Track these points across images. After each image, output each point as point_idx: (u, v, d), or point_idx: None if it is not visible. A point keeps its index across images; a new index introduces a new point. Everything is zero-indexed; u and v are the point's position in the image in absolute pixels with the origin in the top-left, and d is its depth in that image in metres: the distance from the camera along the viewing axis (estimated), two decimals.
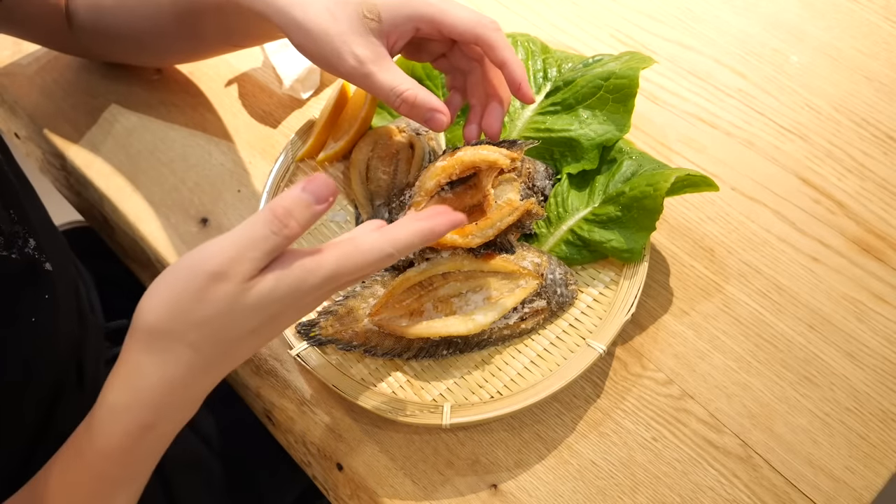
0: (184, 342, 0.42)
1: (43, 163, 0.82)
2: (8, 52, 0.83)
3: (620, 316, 0.58)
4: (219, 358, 0.44)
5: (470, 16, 0.55)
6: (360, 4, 0.53)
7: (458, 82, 0.61)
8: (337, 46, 0.53)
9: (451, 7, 0.55)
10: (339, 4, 0.53)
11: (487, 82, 0.59)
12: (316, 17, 0.53)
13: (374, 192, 0.66)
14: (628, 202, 0.59)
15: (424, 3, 0.55)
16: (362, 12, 0.53)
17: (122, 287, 0.82)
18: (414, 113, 0.54)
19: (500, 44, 0.55)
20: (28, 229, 0.58)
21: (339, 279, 0.44)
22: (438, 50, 0.60)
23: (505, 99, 0.59)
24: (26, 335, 0.56)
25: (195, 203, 0.71)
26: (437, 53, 0.61)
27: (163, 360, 0.43)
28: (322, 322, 0.60)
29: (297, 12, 0.53)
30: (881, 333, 0.60)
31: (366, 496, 0.58)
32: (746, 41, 0.78)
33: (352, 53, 0.53)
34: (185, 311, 0.42)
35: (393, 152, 0.67)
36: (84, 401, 0.66)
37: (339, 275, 0.44)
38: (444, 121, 0.55)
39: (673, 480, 0.56)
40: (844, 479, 0.55)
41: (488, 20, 0.55)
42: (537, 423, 0.59)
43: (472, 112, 0.60)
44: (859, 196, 0.67)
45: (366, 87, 0.55)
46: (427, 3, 0.55)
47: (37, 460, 0.59)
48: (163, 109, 0.78)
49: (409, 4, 0.54)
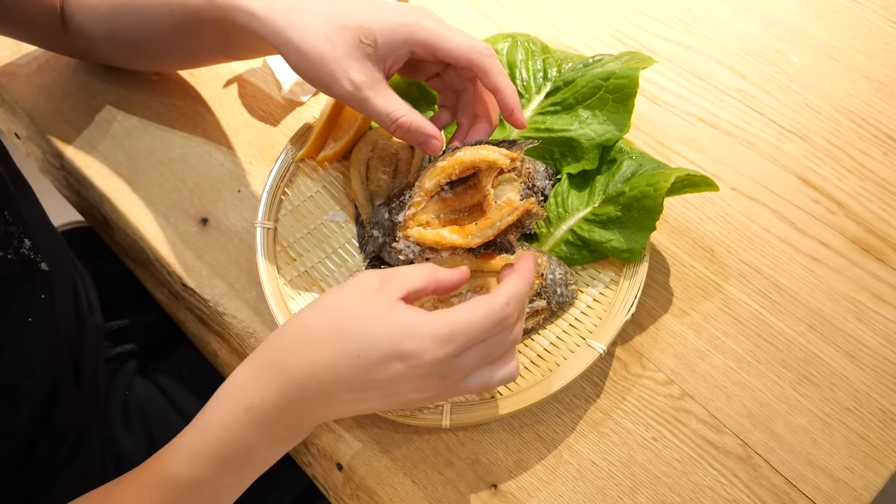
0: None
1: (43, 163, 0.82)
2: (7, 52, 0.83)
3: (620, 316, 0.58)
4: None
5: (465, 41, 0.55)
6: (356, 30, 0.54)
7: (450, 101, 0.62)
8: (333, 71, 0.54)
9: (447, 32, 0.55)
10: (336, 29, 0.54)
11: (479, 102, 0.60)
12: (313, 42, 0.54)
13: (374, 192, 0.66)
14: (628, 202, 0.59)
15: (420, 27, 0.55)
16: (359, 38, 0.54)
17: (122, 287, 0.82)
18: (409, 137, 0.56)
19: (493, 70, 0.56)
20: (23, 230, 0.58)
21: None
22: (433, 70, 0.61)
23: (493, 121, 0.60)
24: (23, 335, 0.56)
25: (195, 203, 0.71)
26: (431, 73, 0.62)
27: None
28: None
29: (294, 36, 0.54)
30: (881, 333, 0.60)
31: (366, 496, 0.58)
32: (746, 41, 0.78)
33: (348, 79, 0.54)
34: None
35: (393, 152, 0.67)
36: (81, 400, 0.66)
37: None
38: (438, 146, 0.56)
39: (673, 480, 0.56)
40: (844, 478, 0.55)
41: (483, 46, 0.56)
42: (537, 423, 0.59)
43: (458, 129, 0.61)
44: (859, 196, 0.67)
45: (362, 111, 0.56)
46: (422, 27, 0.55)
47: (34, 459, 0.59)
48: (162, 110, 0.78)
49: (405, 29, 0.55)
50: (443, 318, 0.45)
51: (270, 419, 0.46)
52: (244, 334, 0.65)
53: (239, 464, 0.47)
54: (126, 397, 0.73)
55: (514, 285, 0.48)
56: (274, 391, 0.46)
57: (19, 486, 0.58)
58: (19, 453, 0.57)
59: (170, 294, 0.72)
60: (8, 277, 0.55)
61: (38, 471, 0.60)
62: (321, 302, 0.48)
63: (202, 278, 0.67)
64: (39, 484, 0.61)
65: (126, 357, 0.77)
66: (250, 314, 0.65)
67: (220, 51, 0.67)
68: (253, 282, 0.67)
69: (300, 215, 0.67)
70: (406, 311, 0.46)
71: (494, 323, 0.46)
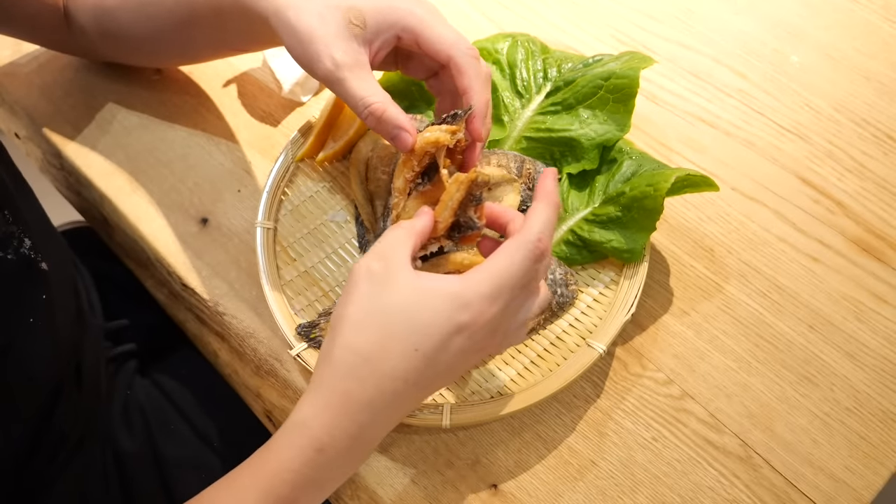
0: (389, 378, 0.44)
1: (43, 163, 0.82)
2: (8, 52, 0.83)
3: (620, 316, 0.58)
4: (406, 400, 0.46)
5: (449, 35, 0.54)
6: (347, 10, 0.54)
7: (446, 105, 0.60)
8: (318, 49, 0.53)
9: (435, 23, 0.54)
10: (330, 9, 0.53)
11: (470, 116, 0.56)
12: (307, 19, 0.53)
13: (374, 192, 0.66)
14: (628, 202, 0.59)
15: (410, 13, 0.54)
16: (349, 18, 0.53)
17: (122, 287, 0.82)
18: (380, 127, 0.53)
19: (469, 71, 0.54)
20: (23, 229, 0.58)
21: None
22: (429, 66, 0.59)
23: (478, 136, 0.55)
24: (24, 335, 0.56)
25: (195, 203, 0.71)
26: (429, 71, 0.60)
27: (360, 386, 0.44)
28: (322, 324, 0.60)
29: (291, 14, 0.54)
30: (881, 333, 0.60)
31: (366, 496, 0.58)
32: (746, 41, 0.78)
33: (330, 57, 0.53)
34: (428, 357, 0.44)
35: (393, 152, 0.67)
36: (83, 400, 0.66)
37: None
38: (409, 141, 0.53)
39: (673, 480, 0.56)
40: (844, 479, 0.55)
41: (467, 45, 0.54)
42: (537, 423, 0.59)
43: None
44: (859, 196, 0.67)
45: (338, 93, 0.54)
46: (412, 13, 0.54)
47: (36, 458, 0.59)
48: (162, 109, 0.78)
49: (395, 13, 0.54)
50: (483, 275, 0.44)
51: (343, 453, 0.45)
52: (244, 334, 0.65)
53: (309, 501, 0.46)
54: (126, 397, 0.73)
55: (541, 214, 0.47)
56: (347, 422, 0.44)
57: (21, 486, 0.58)
58: (21, 453, 0.57)
59: (170, 294, 0.72)
60: (8, 277, 0.55)
61: (39, 470, 0.60)
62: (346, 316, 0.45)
63: (202, 278, 0.67)
64: (41, 483, 0.61)
65: (126, 357, 0.77)
66: (250, 314, 0.65)
67: (219, 44, 0.67)
68: (253, 282, 0.67)
69: (300, 215, 0.67)
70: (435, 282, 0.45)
71: (532, 262, 0.45)
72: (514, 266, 0.45)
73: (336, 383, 0.45)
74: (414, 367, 0.44)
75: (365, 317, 0.45)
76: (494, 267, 0.45)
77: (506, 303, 0.45)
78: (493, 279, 0.44)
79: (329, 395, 0.45)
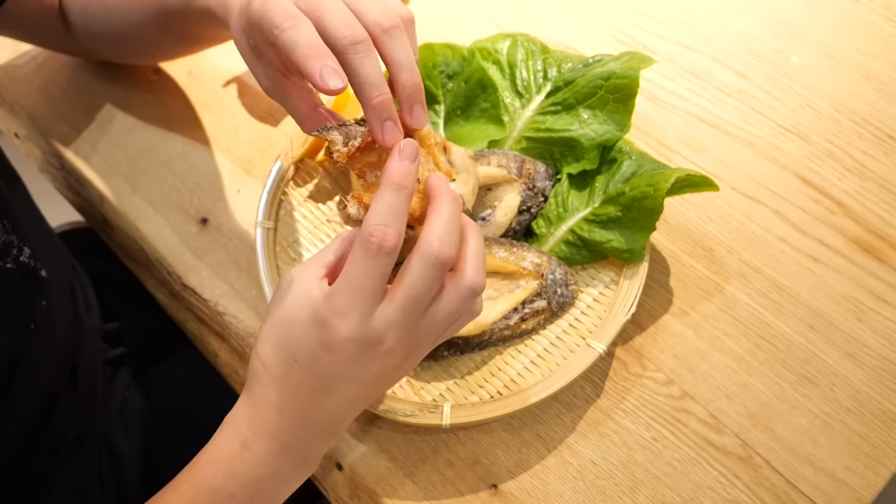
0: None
1: (42, 163, 0.82)
2: (7, 52, 0.83)
3: (620, 316, 0.58)
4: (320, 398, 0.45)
5: (344, 16, 0.45)
6: None
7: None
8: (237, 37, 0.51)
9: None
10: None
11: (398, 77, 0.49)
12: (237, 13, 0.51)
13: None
14: (628, 202, 0.59)
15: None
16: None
17: (122, 287, 0.82)
18: (306, 64, 0.44)
19: (360, 71, 0.45)
20: (22, 238, 0.58)
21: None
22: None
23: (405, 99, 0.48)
24: (25, 343, 0.56)
25: (195, 203, 0.71)
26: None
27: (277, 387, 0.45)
28: None
29: (233, 9, 0.52)
30: (881, 333, 0.60)
31: (366, 496, 0.58)
32: (746, 41, 0.78)
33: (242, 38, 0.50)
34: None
35: None
36: (80, 401, 0.66)
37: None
38: (309, 126, 0.50)
39: (673, 480, 0.56)
40: (845, 479, 0.55)
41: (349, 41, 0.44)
42: (537, 423, 0.59)
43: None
44: (859, 196, 0.67)
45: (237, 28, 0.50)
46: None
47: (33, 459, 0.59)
48: (162, 109, 0.78)
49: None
50: (335, 287, 0.42)
51: (271, 453, 0.46)
52: (244, 334, 0.65)
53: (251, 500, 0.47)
54: (124, 398, 0.73)
55: (437, 219, 0.42)
56: (262, 420, 0.46)
57: (18, 486, 0.58)
58: (18, 453, 0.57)
59: (170, 294, 0.72)
60: (9, 286, 0.55)
61: (36, 470, 0.60)
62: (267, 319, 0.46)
63: (202, 278, 0.67)
64: (38, 483, 0.61)
65: (125, 358, 0.77)
66: (250, 314, 0.65)
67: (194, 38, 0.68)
68: (253, 282, 0.67)
69: (300, 215, 0.67)
70: (310, 292, 0.43)
71: (371, 260, 0.41)
72: (360, 271, 0.41)
73: (249, 384, 0.47)
74: (297, 376, 0.44)
75: (267, 325, 0.46)
76: (343, 276, 0.42)
77: (363, 312, 0.42)
78: (343, 291, 0.42)
79: (247, 395, 0.47)
